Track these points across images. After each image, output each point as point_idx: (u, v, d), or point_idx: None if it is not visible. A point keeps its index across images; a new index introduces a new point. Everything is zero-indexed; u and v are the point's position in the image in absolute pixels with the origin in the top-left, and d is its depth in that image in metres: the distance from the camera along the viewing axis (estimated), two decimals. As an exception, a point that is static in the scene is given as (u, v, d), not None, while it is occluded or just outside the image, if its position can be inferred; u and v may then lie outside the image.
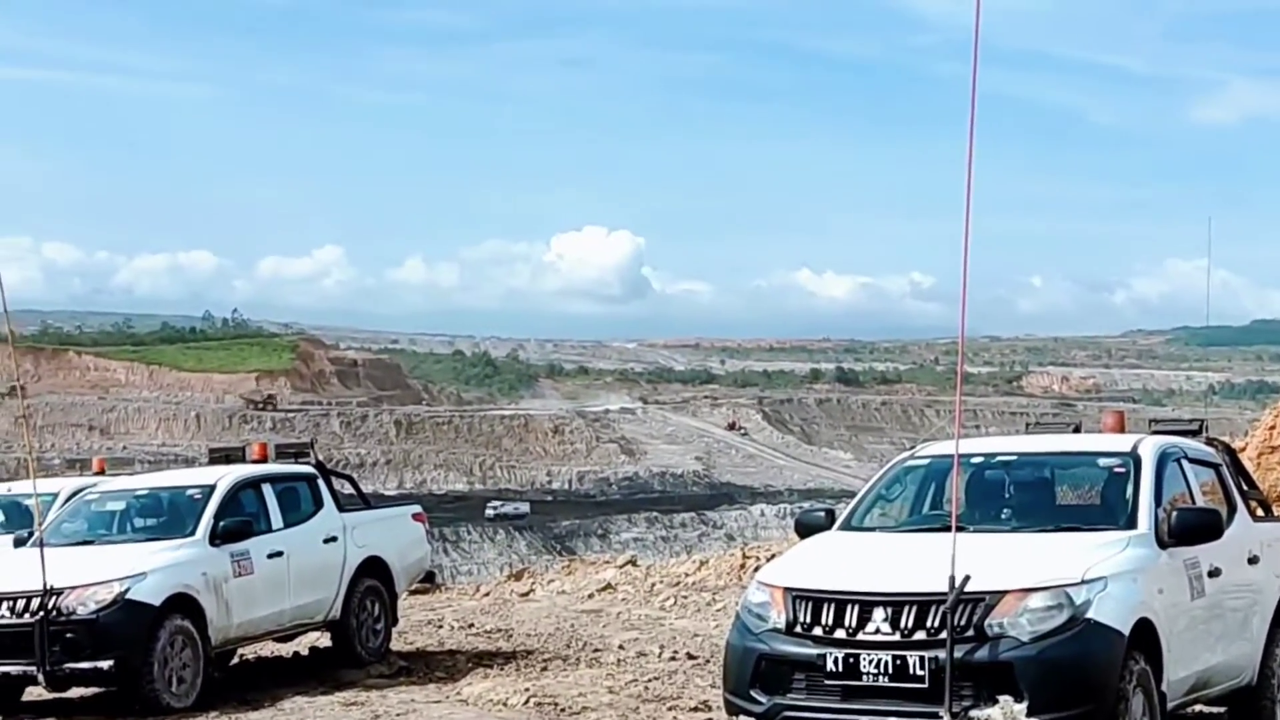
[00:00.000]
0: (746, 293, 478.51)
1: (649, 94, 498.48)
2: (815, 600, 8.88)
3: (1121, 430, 11.06)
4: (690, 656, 14.97)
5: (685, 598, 19.44)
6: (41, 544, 12.91)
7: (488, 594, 21.66)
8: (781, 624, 8.96)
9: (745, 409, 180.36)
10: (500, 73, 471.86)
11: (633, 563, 23.17)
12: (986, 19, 8.84)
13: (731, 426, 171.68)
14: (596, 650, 15.67)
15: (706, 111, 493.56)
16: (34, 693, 13.15)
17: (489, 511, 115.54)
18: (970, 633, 8.46)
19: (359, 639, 15.10)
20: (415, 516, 16.82)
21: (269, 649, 16.00)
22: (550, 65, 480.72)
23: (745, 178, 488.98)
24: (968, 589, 8.45)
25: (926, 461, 10.69)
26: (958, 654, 8.37)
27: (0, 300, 13.29)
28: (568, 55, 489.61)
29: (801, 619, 8.88)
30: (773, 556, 17.48)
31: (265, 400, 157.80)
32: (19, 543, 14.32)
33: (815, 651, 8.75)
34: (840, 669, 8.64)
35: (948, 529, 8.86)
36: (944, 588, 8.44)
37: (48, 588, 12.41)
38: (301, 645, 16.02)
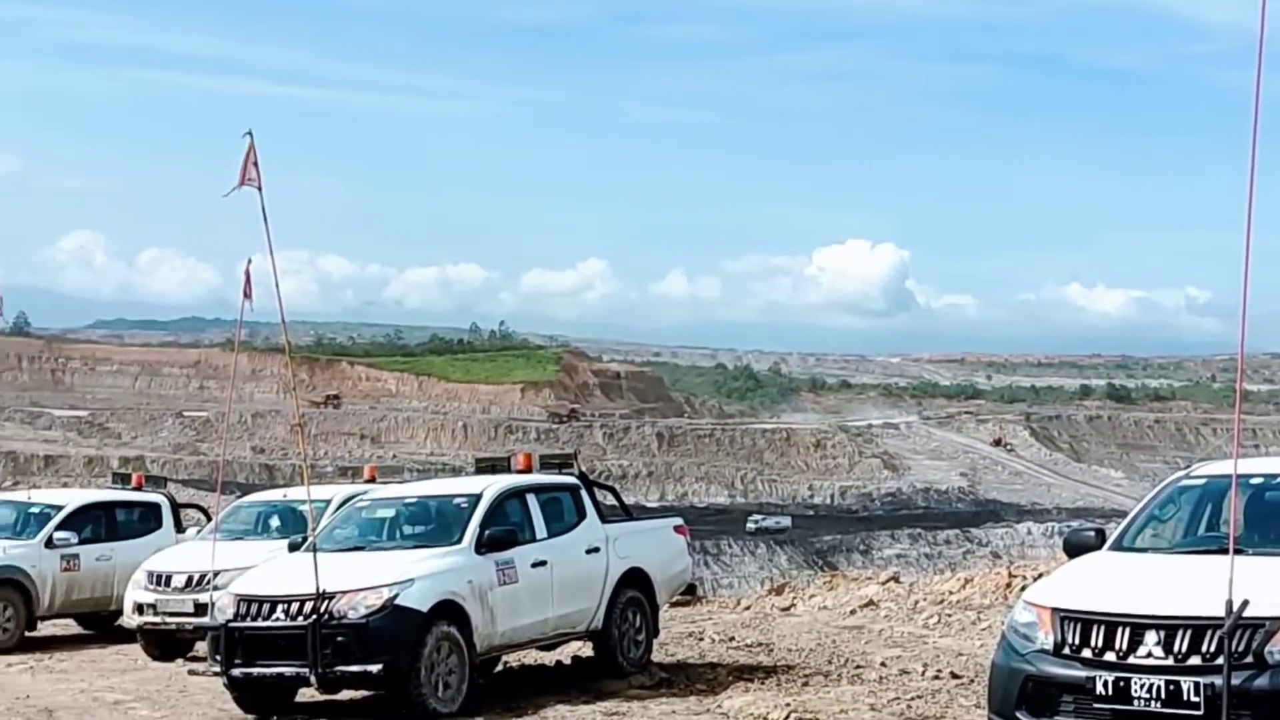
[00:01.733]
0: (1014, 307, 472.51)
1: (914, 106, 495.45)
2: (1085, 621, 8.67)
3: None
4: (954, 676, 14.72)
5: (949, 616, 19.14)
6: (315, 549, 13.22)
7: (748, 607, 21.61)
8: (1049, 645, 8.77)
9: (1012, 425, 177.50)
10: (764, 87, 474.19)
11: (895, 579, 22.88)
12: (1271, 23, 8.52)
13: (997, 443, 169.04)
14: (858, 667, 15.51)
15: (973, 124, 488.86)
16: (306, 694, 13.45)
17: (750, 525, 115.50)
18: (1249, 659, 8.16)
19: (621, 649, 15.14)
20: (677, 529, 16.82)
21: (532, 657, 16.16)
22: (814, 79, 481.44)
23: (1012, 189, 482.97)
24: (1246, 614, 8.15)
25: (1203, 481, 10.35)
26: (1235, 681, 8.08)
27: (279, 312, 13.76)
28: (832, 69, 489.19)
29: (1070, 640, 8.68)
30: (1040, 576, 17.14)
31: (570, 413, 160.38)
32: (293, 547, 14.69)
33: (1084, 674, 8.54)
34: (1110, 692, 8.41)
35: (1224, 551, 8.58)
36: (1221, 612, 8.16)
37: (320, 592, 12.71)
38: (564, 654, 16.14)
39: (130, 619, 18.28)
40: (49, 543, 19.72)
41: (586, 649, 15.71)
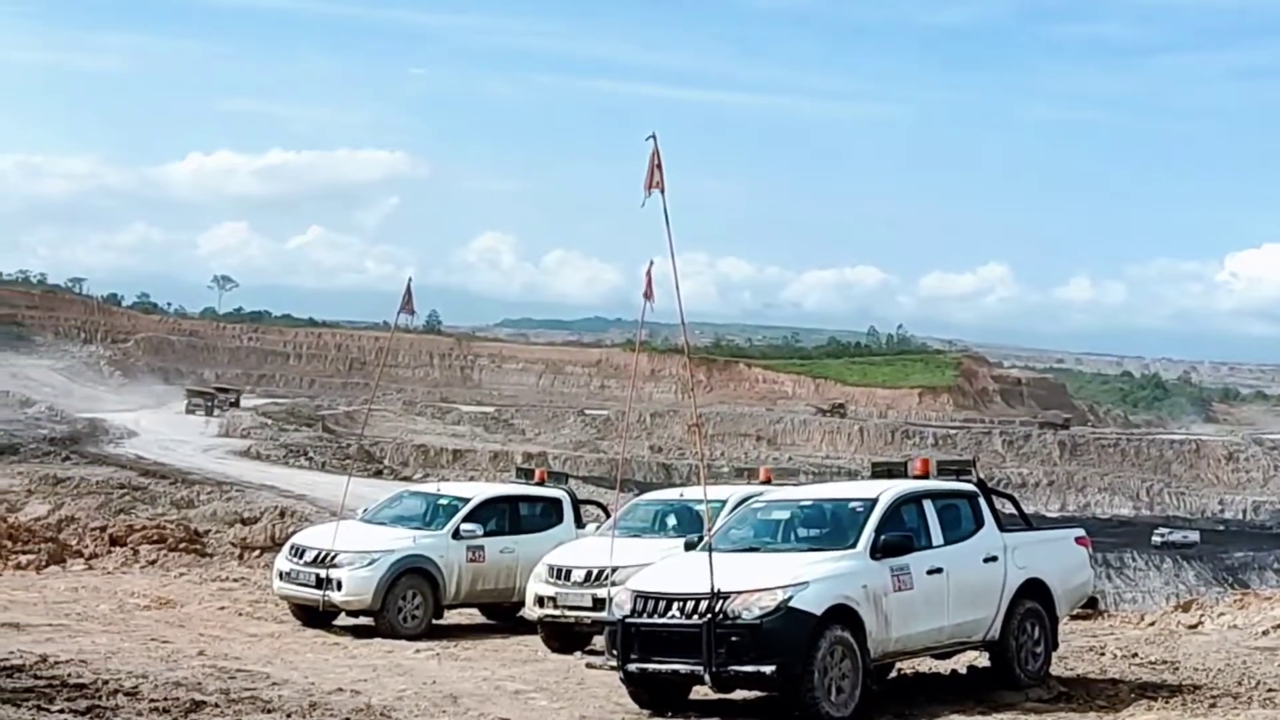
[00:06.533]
0: None
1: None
2: None
3: None
4: (1375, 705, 13.92)
5: (1372, 642, 18.12)
6: (710, 549, 13.34)
7: (1153, 624, 20.91)
8: None
9: None
10: (1174, 86, 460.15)
11: (1313, 600, 21.79)
12: None
13: None
14: (1271, 690, 14.80)
15: None
16: (700, 691, 13.57)
17: (1155, 538, 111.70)
18: None
19: (1018, 661, 14.85)
20: (1079, 540, 16.44)
21: (927, 665, 15.96)
22: (1228, 77, 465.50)
23: None
24: None
25: None
26: None
27: (679, 313, 13.93)
28: (1248, 66, 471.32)
29: None
30: None
31: (1064, 422, 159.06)
32: (689, 546, 14.85)
33: None
34: None
35: None
36: None
37: (715, 591, 12.80)
38: (959, 664, 15.89)
39: (531, 611, 18.77)
40: (456, 534, 20.34)
41: (983, 659, 15.43)
